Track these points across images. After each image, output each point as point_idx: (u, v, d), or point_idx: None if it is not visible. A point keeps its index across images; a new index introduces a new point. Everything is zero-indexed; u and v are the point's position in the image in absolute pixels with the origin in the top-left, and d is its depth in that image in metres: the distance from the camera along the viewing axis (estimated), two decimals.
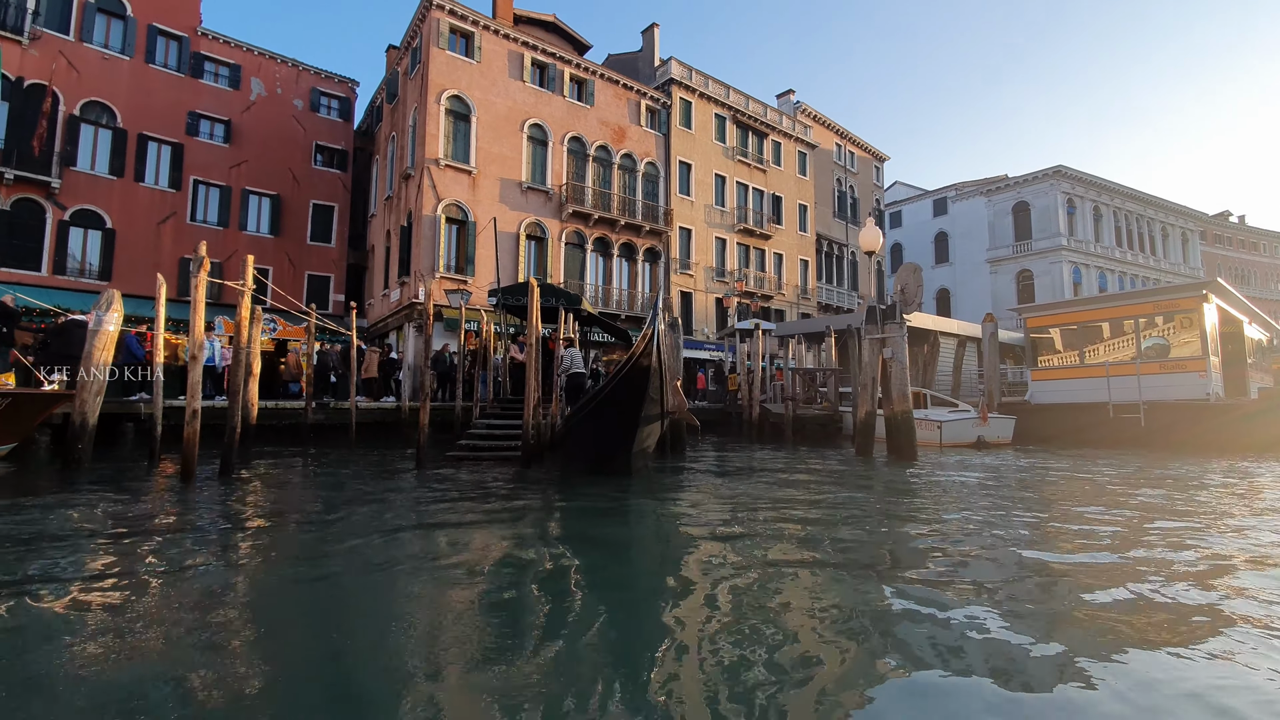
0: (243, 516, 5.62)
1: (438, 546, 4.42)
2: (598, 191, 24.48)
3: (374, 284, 24.11)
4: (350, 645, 2.64)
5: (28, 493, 6.48)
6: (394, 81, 23.90)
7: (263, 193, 22.53)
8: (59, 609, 3.03)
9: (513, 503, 6.22)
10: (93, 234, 19.02)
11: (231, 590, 3.42)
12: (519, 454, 9.79)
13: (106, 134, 19.47)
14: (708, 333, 27.82)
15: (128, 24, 19.96)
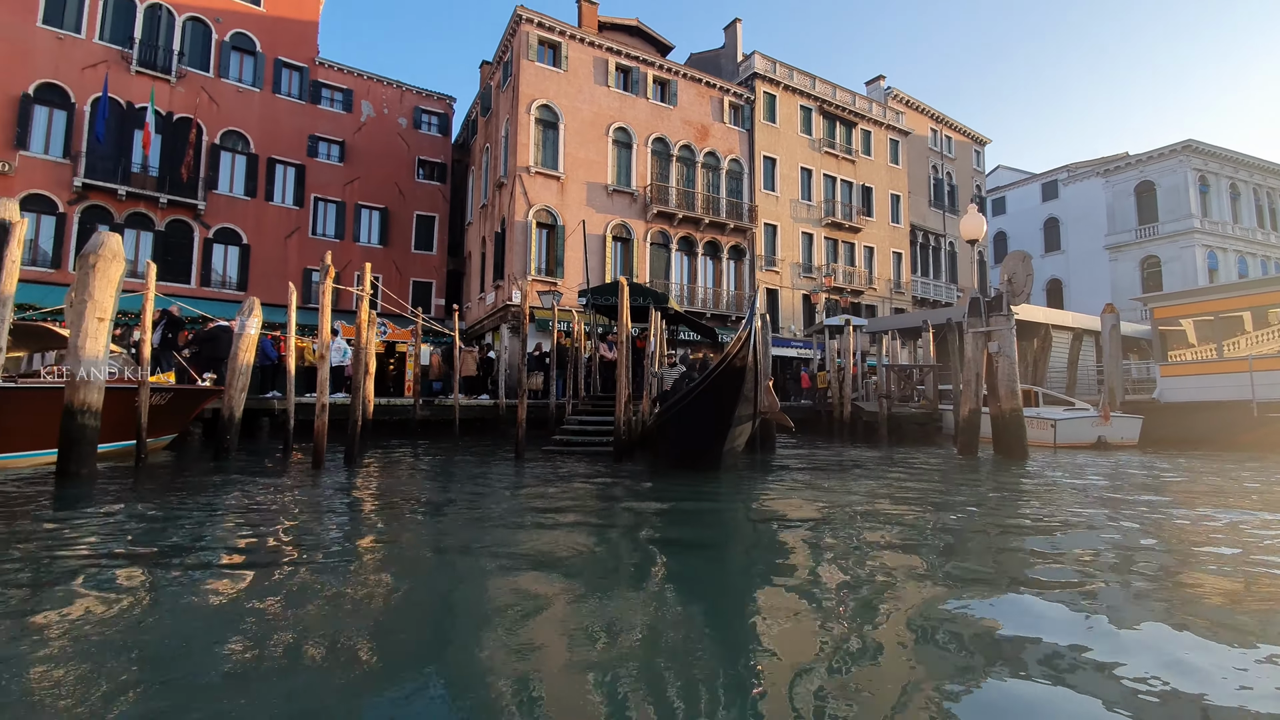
0: (368, 499, 6.20)
1: (532, 532, 4.70)
2: (682, 191, 24.62)
3: (471, 288, 25.45)
4: (455, 620, 2.91)
5: (189, 475, 7.44)
6: (487, 95, 25.12)
7: (373, 206, 24.35)
8: (226, 567, 3.54)
9: (605, 494, 6.47)
10: (232, 249, 21.32)
11: (359, 561, 3.83)
12: (610, 448, 10.10)
13: (242, 159, 21.75)
14: (795, 330, 27.29)
15: (257, 59, 22.18)
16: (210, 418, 11.73)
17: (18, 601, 2.98)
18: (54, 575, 3.45)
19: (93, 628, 2.65)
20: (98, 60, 19.14)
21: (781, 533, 4.78)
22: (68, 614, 2.80)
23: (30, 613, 2.81)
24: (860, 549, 4.10)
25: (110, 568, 3.64)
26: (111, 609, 2.89)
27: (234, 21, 21.69)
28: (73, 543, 4.22)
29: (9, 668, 2.23)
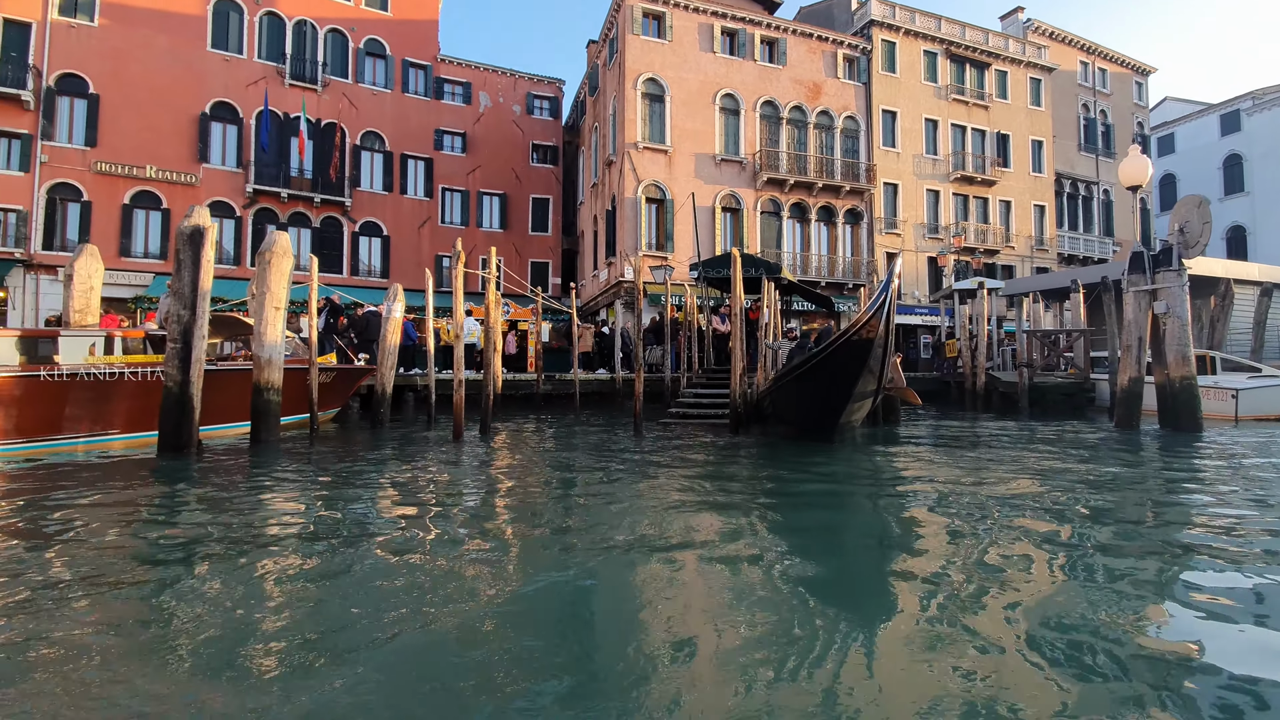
0: (505, 465, 6.73)
1: (654, 501, 4.89)
2: (792, 155, 23.70)
3: (584, 266, 26.24)
4: (587, 584, 3.13)
5: (354, 444, 8.45)
6: (594, 75, 25.45)
7: (493, 192, 25.70)
8: (391, 518, 4.04)
9: (719, 467, 6.57)
10: (375, 240, 23.45)
11: (503, 521, 4.22)
12: (725, 420, 10.18)
13: (379, 157, 23.73)
14: (919, 296, 25.61)
15: (388, 62, 23.93)
16: (365, 393, 13.14)
17: (231, 549, 3.61)
18: (259, 526, 4.13)
19: (300, 571, 3.18)
20: (258, 77, 21.56)
21: (907, 514, 4.60)
22: (274, 559, 3.36)
23: (245, 557, 3.40)
24: (996, 533, 3.88)
25: (302, 520, 4.29)
26: (309, 560, 3.43)
27: (366, 28, 23.50)
28: (274, 495, 5.00)
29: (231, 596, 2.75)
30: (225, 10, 21.31)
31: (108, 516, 4.31)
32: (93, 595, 2.78)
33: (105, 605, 2.67)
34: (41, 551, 3.46)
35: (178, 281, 7.28)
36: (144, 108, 19.88)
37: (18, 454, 6.94)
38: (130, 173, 19.64)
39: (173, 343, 7.16)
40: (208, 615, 2.54)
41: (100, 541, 3.67)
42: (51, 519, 4.19)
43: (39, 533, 3.86)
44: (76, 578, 2.99)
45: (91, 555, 3.40)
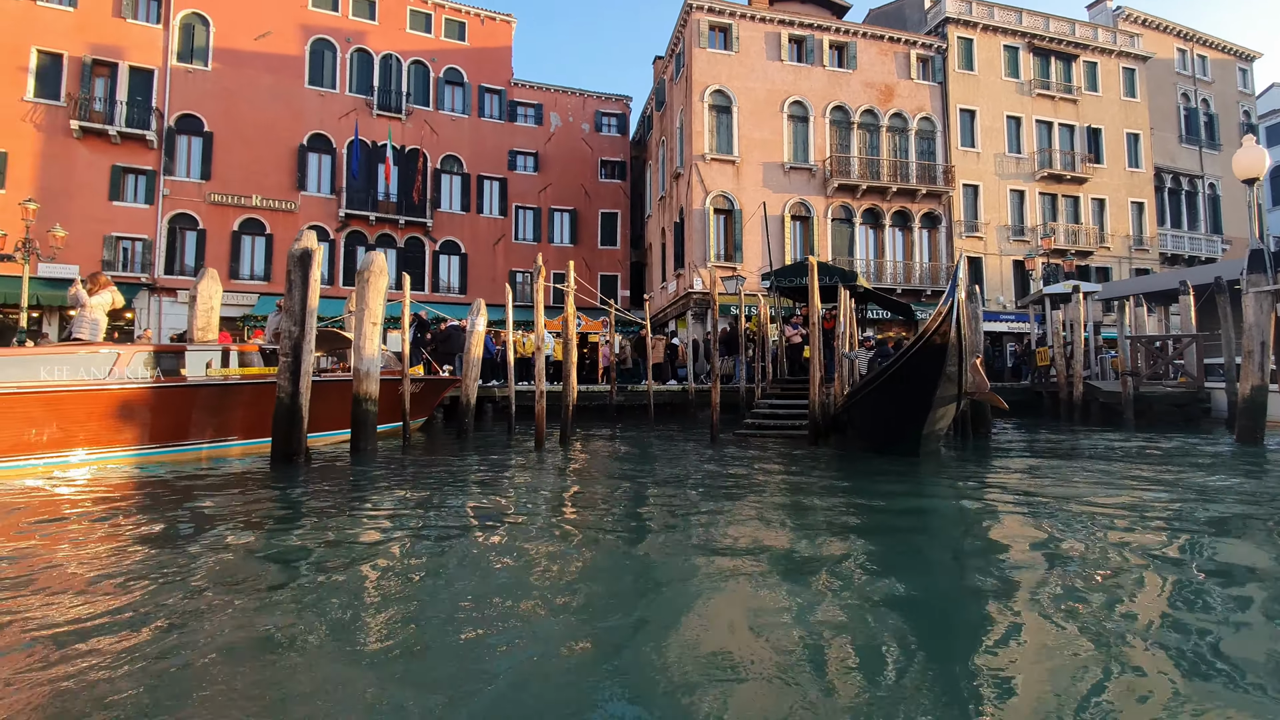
0: (588, 473, 6.90)
1: (733, 512, 4.89)
2: (864, 160, 23.16)
3: (653, 278, 26.49)
4: (656, 595, 3.18)
5: (443, 451, 8.86)
6: (661, 90, 25.80)
7: (563, 209, 26.42)
8: (488, 521, 4.23)
9: (798, 479, 6.48)
10: (453, 258, 24.56)
11: (581, 527, 4.33)
12: (802, 432, 10.02)
13: (457, 179, 24.89)
14: (1004, 302, 24.37)
15: (465, 89, 25.13)
16: (448, 404, 13.74)
17: (339, 541, 3.88)
18: (371, 527, 4.42)
19: (405, 563, 3.39)
20: (349, 110, 23.11)
21: (1004, 536, 4.33)
22: (379, 549, 3.60)
23: (349, 545, 3.66)
24: (1103, 555, 3.65)
25: (403, 523, 4.56)
26: (420, 559, 3.65)
27: (446, 59, 24.78)
28: (377, 498, 5.34)
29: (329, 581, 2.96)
30: (321, 50, 23.01)
31: (235, 518, 4.73)
32: (231, 593, 3.07)
33: (242, 601, 2.95)
34: (181, 552, 3.84)
35: (288, 300, 7.90)
36: (251, 142, 21.70)
37: (151, 459, 7.68)
38: (239, 202, 21.45)
39: (284, 356, 7.76)
40: (326, 613, 2.76)
41: (231, 543, 4.04)
42: (186, 520, 4.64)
43: (176, 534, 4.29)
44: (213, 579, 3.31)
45: (224, 556, 3.75)
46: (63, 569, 3.33)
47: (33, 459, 6.85)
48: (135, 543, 3.89)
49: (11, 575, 3.21)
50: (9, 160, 18.89)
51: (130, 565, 3.40)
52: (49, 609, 2.72)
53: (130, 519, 4.61)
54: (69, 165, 19.54)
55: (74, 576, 3.20)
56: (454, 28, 25.12)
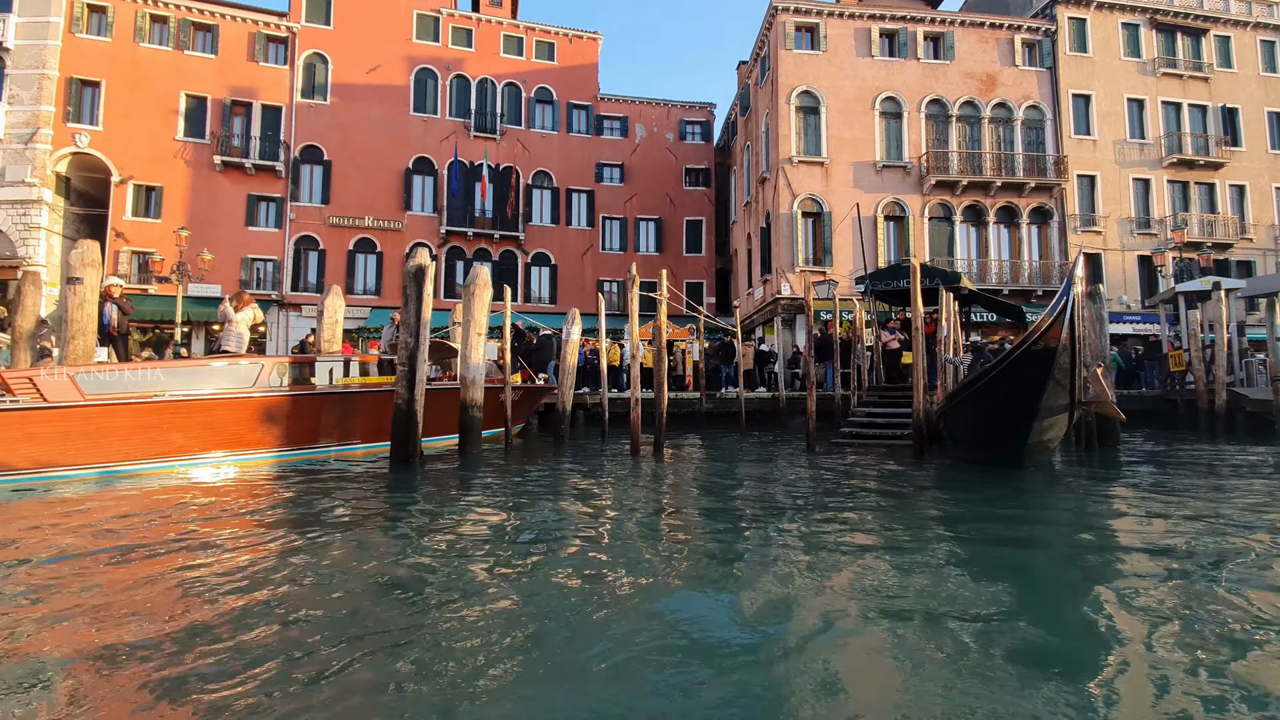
0: (686, 479, 6.98)
1: (837, 524, 4.79)
2: (964, 155, 21.99)
3: (739, 284, 26.29)
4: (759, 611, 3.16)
5: (542, 457, 9.22)
6: (746, 94, 25.65)
7: (648, 218, 26.80)
8: (592, 524, 4.38)
9: (900, 491, 6.25)
10: (544, 269, 25.49)
11: (680, 534, 4.40)
12: (903, 441, 9.64)
13: (548, 193, 25.85)
14: (1127, 301, 22.34)
15: (554, 107, 26.08)
16: (542, 411, 14.26)
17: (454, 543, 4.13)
18: (482, 523, 4.70)
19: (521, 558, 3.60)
20: (449, 133, 24.56)
21: (1130, 562, 3.76)
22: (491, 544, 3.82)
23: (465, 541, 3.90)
24: (1246, 596, 3.01)
25: (519, 522, 4.82)
26: (531, 557, 3.85)
27: (536, 79, 25.84)
28: (491, 499, 5.66)
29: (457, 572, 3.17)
30: (424, 78, 24.62)
31: (366, 513, 5.16)
32: (369, 583, 3.38)
33: (375, 590, 3.24)
34: (319, 546, 4.24)
35: (404, 313, 8.51)
36: (363, 168, 23.52)
37: (289, 459, 8.48)
38: (353, 223, 23.29)
39: (401, 366, 8.37)
40: (452, 608, 2.98)
41: (362, 537, 4.42)
42: (330, 514, 5.12)
43: (324, 525, 4.74)
44: (350, 570, 3.65)
45: (366, 544, 4.11)
46: (225, 548, 3.79)
47: (195, 459, 7.74)
48: (292, 531, 4.34)
49: (178, 558, 3.69)
50: (164, 193, 21.48)
51: (286, 551, 3.81)
52: (210, 579, 3.12)
53: (284, 512, 5.15)
54: (212, 195, 21.96)
55: (235, 553, 3.63)
56: (544, 49, 26.15)
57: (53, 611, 2.82)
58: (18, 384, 6.55)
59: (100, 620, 2.71)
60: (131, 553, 3.85)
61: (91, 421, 6.83)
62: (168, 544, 4.07)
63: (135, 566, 3.57)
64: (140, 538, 4.28)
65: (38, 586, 3.20)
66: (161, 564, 3.61)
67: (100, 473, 6.89)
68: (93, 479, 6.73)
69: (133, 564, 3.62)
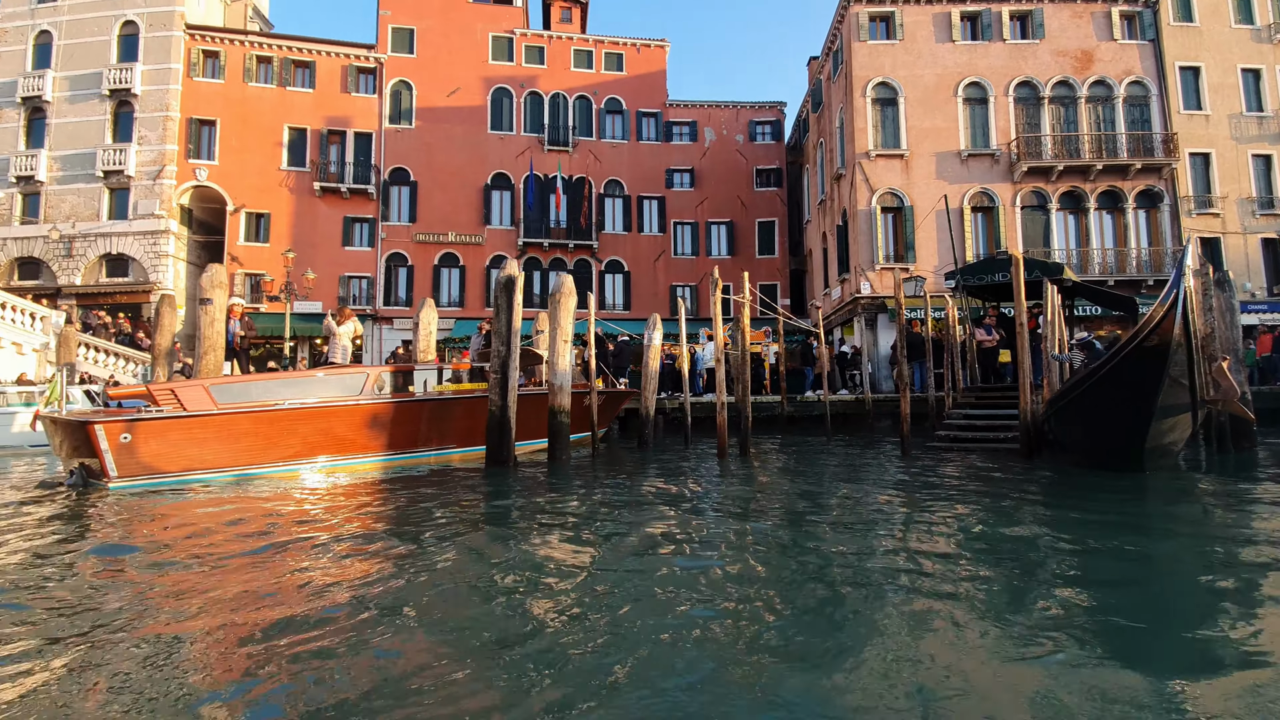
0: (777, 483, 6.87)
1: (948, 538, 4.56)
2: (1059, 138, 20.63)
3: (814, 285, 25.70)
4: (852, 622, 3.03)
5: (630, 461, 9.32)
6: (817, 90, 25.12)
7: (720, 221, 26.68)
8: (688, 524, 4.38)
9: (1006, 497, 5.89)
10: (617, 277, 25.85)
11: (774, 538, 4.31)
12: (1007, 444, 9.11)
13: (619, 201, 26.23)
14: (1251, 289, 20.25)
15: (624, 116, 26.46)
16: (622, 415, 14.41)
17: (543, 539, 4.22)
18: (575, 524, 4.79)
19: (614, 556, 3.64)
20: (524, 149, 25.39)
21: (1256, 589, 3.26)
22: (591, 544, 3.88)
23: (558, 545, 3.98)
24: None
25: (619, 523, 4.89)
26: (634, 558, 3.89)
27: (606, 90, 26.32)
28: (589, 502, 5.77)
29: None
30: (500, 98, 25.59)
31: (472, 516, 5.38)
32: (473, 578, 3.51)
33: (480, 588, 3.36)
34: (431, 544, 4.44)
35: (496, 322, 8.84)
36: (446, 186, 24.68)
37: (394, 464, 8.94)
38: (438, 239, 24.46)
39: (493, 373, 8.69)
40: (555, 607, 3.05)
41: (471, 539, 4.60)
42: (431, 517, 5.37)
43: (424, 526, 4.97)
44: (461, 570, 3.80)
45: (469, 550, 4.28)
46: (339, 545, 4.05)
47: (310, 463, 8.29)
48: (406, 531, 4.59)
49: (294, 552, 3.96)
50: (271, 219, 23.31)
51: (402, 550, 4.03)
52: (326, 572, 3.33)
53: (397, 512, 5.45)
54: (313, 219, 23.63)
55: (347, 550, 3.87)
56: (613, 60, 26.60)
57: (210, 597, 3.11)
58: (161, 395, 7.26)
59: (237, 603, 2.97)
60: (272, 546, 4.19)
61: (223, 428, 7.48)
62: (299, 539, 4.40)
63: (271, 558, 3.87)
64: (277, 535, 4.65)
65: (196, 575, 3.54)
66: (294, 558, 3.90)
67: (232, 475, 7.52)
68: (226, 481, 7.35)
69: (271, 556, 3.94)
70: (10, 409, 12.10)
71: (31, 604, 3.08)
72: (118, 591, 3.30)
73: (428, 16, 25.16)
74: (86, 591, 3.29)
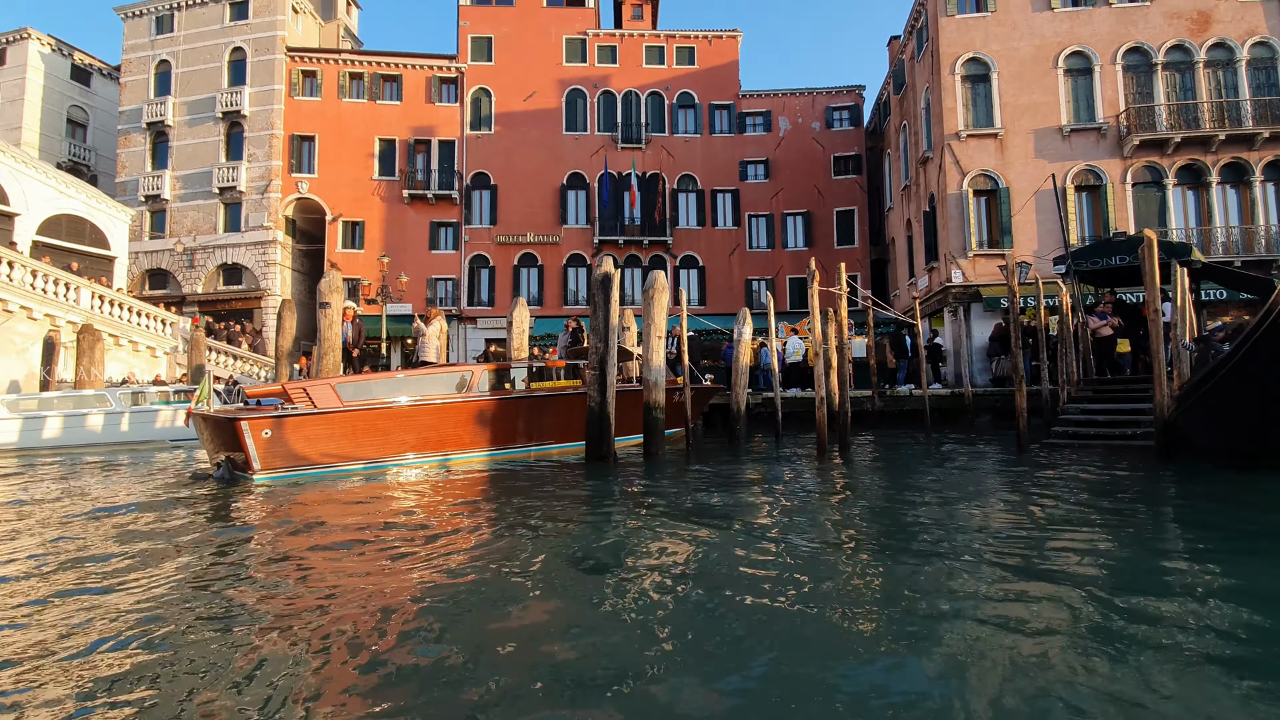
0: (889, 484, 6.67)
1: (1095, 549, 4.28)
2: (1174, 107, 18.94)
3: (897, 275, 24.74)
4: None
5: (725, 456, 9.29)
6: (899, 72, 24.11)
7: (796, 212, 26.12)
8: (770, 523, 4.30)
9: (1143, 501, 5.47)
10: (692, 272, 25.78)
11: (882, 539, 4.16)
12: (1136, 441, 8.48)
13: (693, 196, 26.13)
14: None
15: (696, 110, 26.31)
16: (706, 411, 14.36)
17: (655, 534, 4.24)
18: (679, 513, 4.81)
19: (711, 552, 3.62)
20: (598, 148, 25.71)
21: None
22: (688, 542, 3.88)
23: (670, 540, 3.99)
24: None
25: (731, 522, 4.88)
26: (757, 558, 3.87)
27: (678, 85, 26.25)
28: (694, 497, 5.79)
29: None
30: (574, 99, 26.02)
31: (584, 508, 5.50)
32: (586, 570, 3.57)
33: (592, 578, 3.42)
34: (543, 538, 4.57)
35: (594, 319, 9.00)
36: (524, 188, 25.34)
37: (499, 458, 9.26)
38: (517, 240, 25.17)
39: (591, 370, 8.86)
40: (663, 604, 3.06)
41: (586, 529, 4.70)
42: (544, 510, 5.53)
43: (539, 518, 5.12)
44: (575, 556, 3.89)
45: (577, 538, 4.38)
46: (458, 536, 4.23)
47: (423, 457, 8.72)
48: (522, 522, 4.76)
49: (412, 546, 4.17)
50: (365, 227, 24.65)
51: (520, 535, 4.18)
52: (442, 561, 3.48)
53: (513, 505, 5.65)
54: (402, 225, 24.83)
55: (465, 543, 4.04)
56: (684, 54, 26.48)
57: (347, 580, 3.34)
58: (296, 394, 7.82)
59: (389, 585, 3.16)
60: (418, 532, 4.45)
61: (349, 425, 7.98)
62: (427, 527, 4.65)
63: (406, 546, 4.11)
64: (417, 523, 4.93)
65: (359, 560, 3.80)
66: (424, 544, 4.12)
67: (357, 468, 8.02)
68: (352, 473, 7.85)
69: (406, 544, 4.18)
70: (154, 407, 13.37)
71: (226, 589, 3.40)
72: (289, 575, 3.60)
73: (504, 24, 25.87)
74: (270, 574, 3.61)
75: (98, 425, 12.73)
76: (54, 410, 12.56)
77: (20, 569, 3.72)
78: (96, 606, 3.00)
